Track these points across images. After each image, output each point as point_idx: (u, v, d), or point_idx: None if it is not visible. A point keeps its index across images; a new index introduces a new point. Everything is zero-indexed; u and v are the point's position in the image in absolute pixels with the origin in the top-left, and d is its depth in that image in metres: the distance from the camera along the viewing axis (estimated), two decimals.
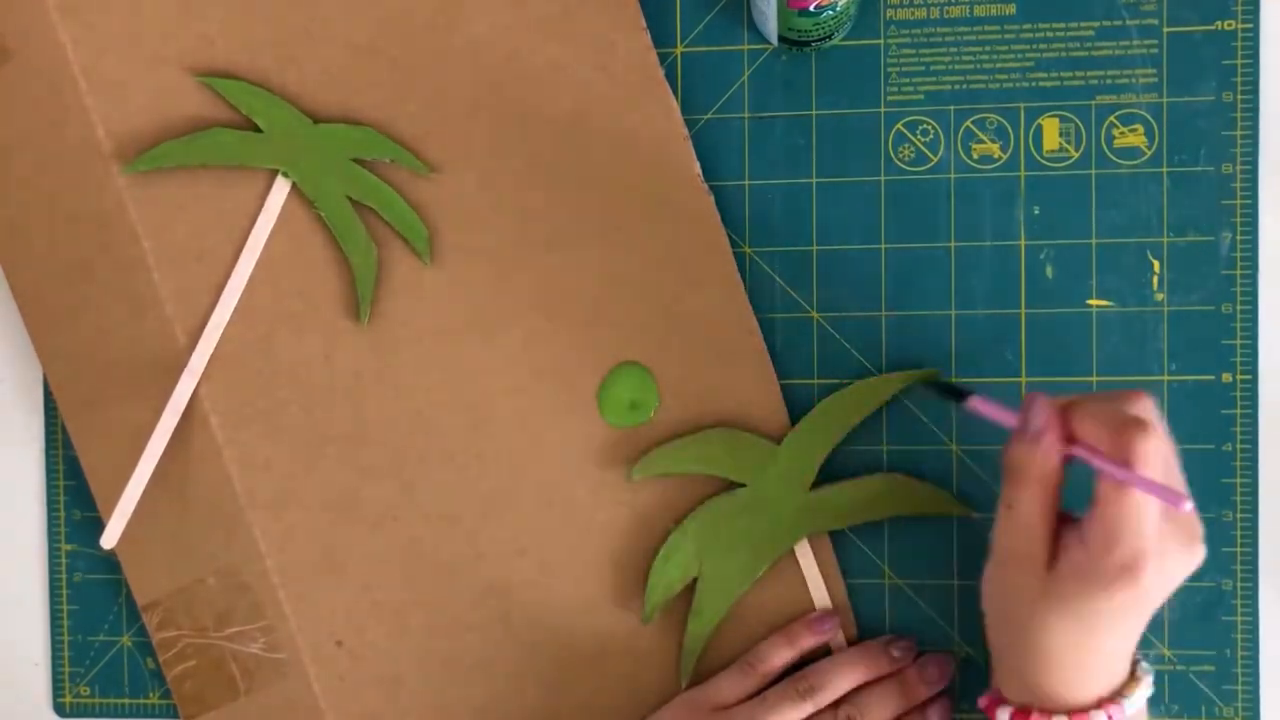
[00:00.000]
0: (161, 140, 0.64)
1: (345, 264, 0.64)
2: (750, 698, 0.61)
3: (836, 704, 0.60)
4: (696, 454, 0.62)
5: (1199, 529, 0.52)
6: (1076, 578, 0.50)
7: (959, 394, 0.56)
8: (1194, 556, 0.51)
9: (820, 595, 0.63)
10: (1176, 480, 0.52)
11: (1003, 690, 0.55)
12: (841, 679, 0.61)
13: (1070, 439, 0.51)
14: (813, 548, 0.62)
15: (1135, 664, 0.54)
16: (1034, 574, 0.52)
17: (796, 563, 0.62)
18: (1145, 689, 0.54)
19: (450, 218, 0.64)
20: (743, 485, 0.62)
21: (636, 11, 0.62)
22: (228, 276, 0.64)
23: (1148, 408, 0.51)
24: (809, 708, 0.60)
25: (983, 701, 0.56)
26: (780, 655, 0.62)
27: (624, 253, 0.63)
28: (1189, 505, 0.49)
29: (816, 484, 0.62)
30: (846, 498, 0.62)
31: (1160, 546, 0.50)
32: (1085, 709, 0.53)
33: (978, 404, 0.55)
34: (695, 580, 0.63)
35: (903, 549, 0.63)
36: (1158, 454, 0.49)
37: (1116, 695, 0.53)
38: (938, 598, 0.63)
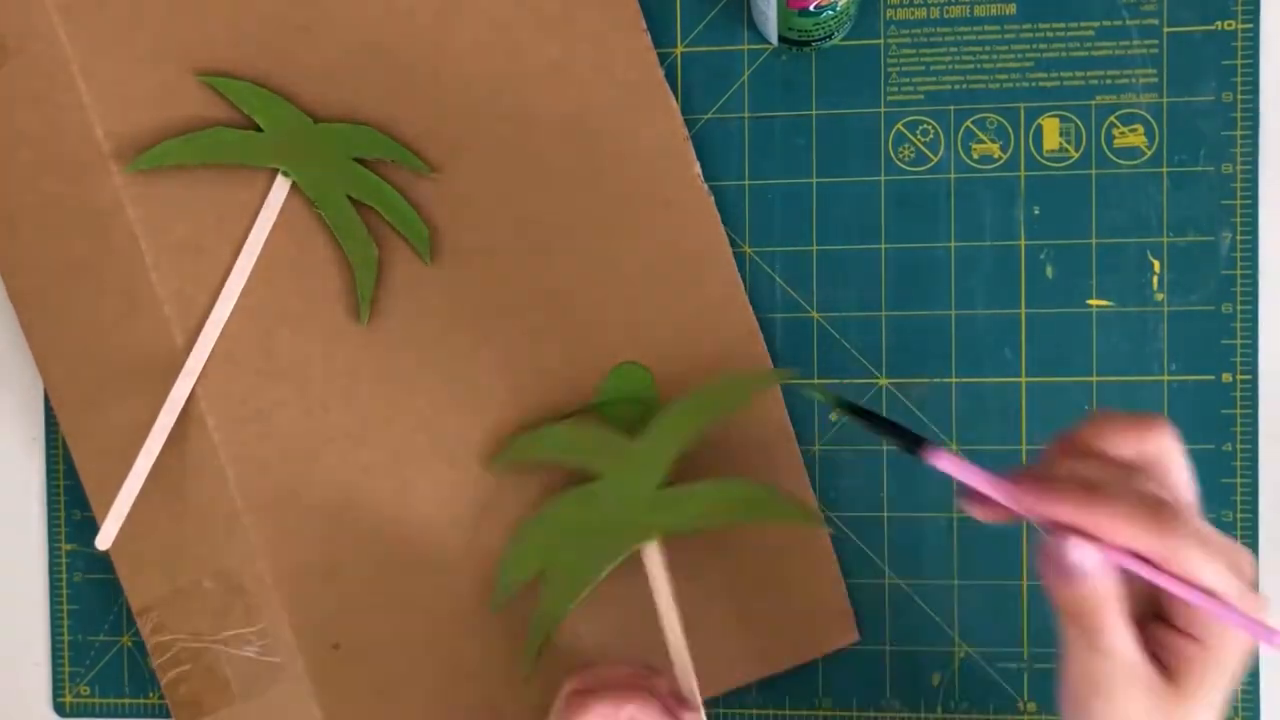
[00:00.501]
0: (161, 139, 0.64)
1: (345, 264, 0.64)
2: None
3: None
4: (554, 443, 0.61)
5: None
6: (1203, 683, 0.46)
7: (913, 440, 0.48)
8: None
9: (665, 599, 0.58)
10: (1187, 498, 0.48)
11: None
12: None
13: (1101, 539, 0.45)
14: (666, 550, 0.59)
15: None
16: (1154, 696, 0.47)
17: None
18: None
19: (450, 218, 0.63)
20: (600, 479, 0.60)
21: (636, 11, 0.62)
22: (227, 276, 0.64)
23: (1164, 450, 0.47)
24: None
25: None
26: None
27: (624, 253, 0.63)
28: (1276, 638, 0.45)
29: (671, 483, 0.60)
30: (696, 499, 0.59)
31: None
32: None
33: (942, 460, 0.47)
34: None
35: (903, 549, 0.63)
36: (1194, 531, 0.45)
37: None
38: (938, 598, 0.63)
